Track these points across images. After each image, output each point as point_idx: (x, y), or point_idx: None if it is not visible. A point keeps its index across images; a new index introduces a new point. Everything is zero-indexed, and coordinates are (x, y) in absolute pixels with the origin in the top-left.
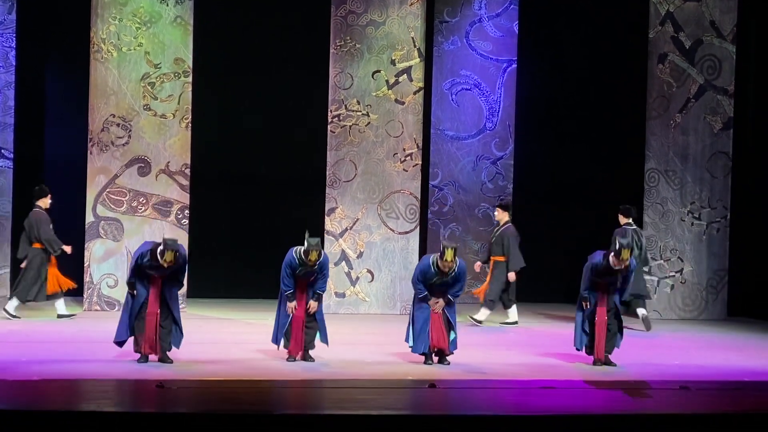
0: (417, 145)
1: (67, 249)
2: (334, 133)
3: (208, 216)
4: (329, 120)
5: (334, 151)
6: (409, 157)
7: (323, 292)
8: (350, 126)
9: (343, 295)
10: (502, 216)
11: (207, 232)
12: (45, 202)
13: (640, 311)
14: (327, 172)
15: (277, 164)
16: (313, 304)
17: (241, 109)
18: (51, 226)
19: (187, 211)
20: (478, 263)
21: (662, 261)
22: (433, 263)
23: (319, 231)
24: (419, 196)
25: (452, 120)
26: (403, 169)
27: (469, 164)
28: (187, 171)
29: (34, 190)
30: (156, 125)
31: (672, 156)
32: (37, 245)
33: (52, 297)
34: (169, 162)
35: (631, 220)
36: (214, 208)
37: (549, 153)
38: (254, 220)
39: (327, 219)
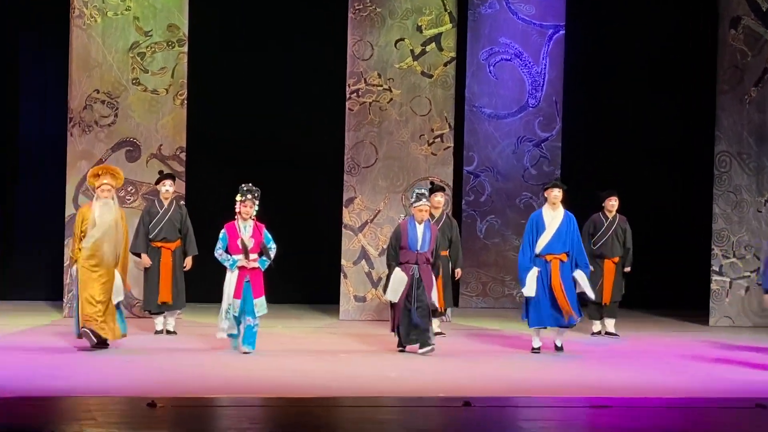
0: (448, 124)
1: None
2: (352, 111)
3: (207, 208)
4: (347, 96)
5: (352, 132)
6: (438, 139)
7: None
8: (370, 103)
9: (363, 299)
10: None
11: (206, 226)
12: None
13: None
14: (344, 157)
15: (286, 148)
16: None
17: (245, 84)
18: None
19: (182, 203)
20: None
21: (735, 259)
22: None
23: (334, 225)
24: (451, 184)
25: (490, 95)
26: (432, 153)
27: (510, 147)
28: (183, 156)
29: None
30: (146, 102)
31: (746, 136)
32: None
33: None
34: (161, 145)
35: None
36: (214, 198)
37: (602, 133)
38: (260, 213)
39: (344, 211)
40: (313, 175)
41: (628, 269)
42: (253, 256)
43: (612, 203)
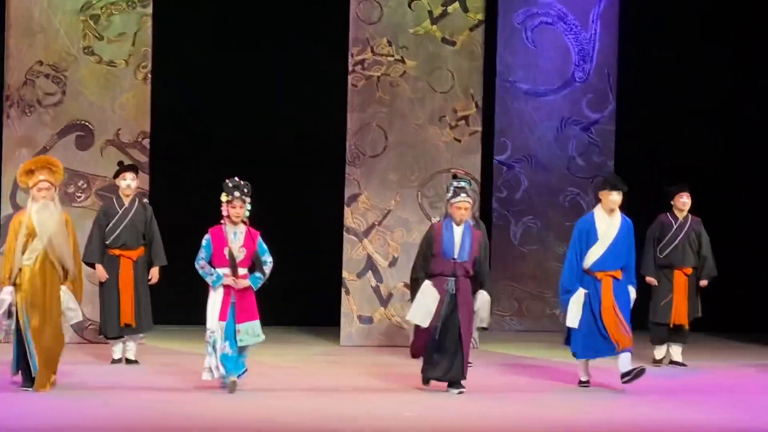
0: (475, 104)
1: None
2: (356, 87)
3: (177, 207)
4: (349, 69)
5: (355, 113)
6: (463, 122)
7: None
8: (378, 77)
9: (369, 320)
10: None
11: (175, 230)
12: None
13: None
14: (346, 144)
15: (275, 134)
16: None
17: (223, 54)
18: None
19: (146, 201)
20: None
21: None
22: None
23: (333, 228)
24: (479, 178)
25: (527, 68)
26: (455, 139)
27: (551, 131)
28: (147, 143)
29: None
30: (101, 77)
31: None
32: None
33: None
34: (120, 130)
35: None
36: (185, 196)
37: (667, 114)
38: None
39: (346, 210)
40: (308, 167)
41: (704, 283)
42: (243, 271)
43: (683, 200)
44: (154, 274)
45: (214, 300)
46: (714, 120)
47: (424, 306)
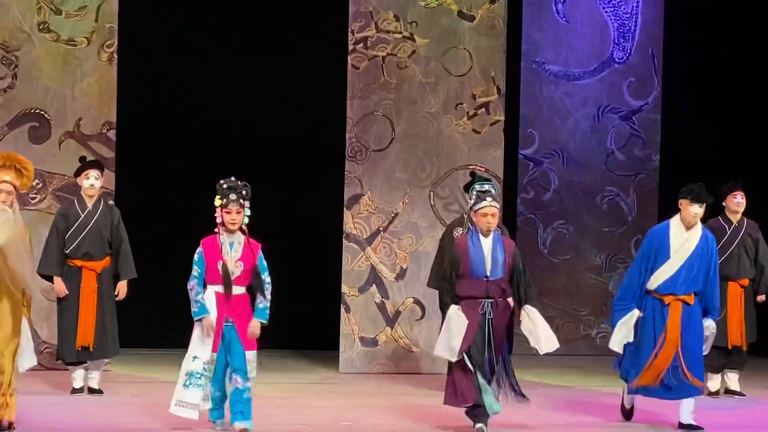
0: (497, 88)
1: None
2: (358, 69)
3: (148, 211)
4: (349, 48)
5: (357, 100)
6: (483, 110)
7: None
8: (384, 58)
9: (374, 343)
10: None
11: (145, 239)
12: None
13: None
14: (346, 137)
15: (262, 125)
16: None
17: (201, 31)
18: None
19: (111, 202)
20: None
21: None
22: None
23: (331, 235)
24: (501, 175)
25: (557, 47)
26: (474, 131)
27: (587, 121)
28: (112, 135)
29: None
30: (59, 58)
31: None
32: None
33: None
34: (81, 120)
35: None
36: (158, 197)
37: (720, 102)
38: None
39: (346, 214)
40: (300, 163)
41: (762, 298)
42: (240, 290)
43: (737, 201)
44: (122, 289)
45: (203, 323)
46: None
47: (452, 337)
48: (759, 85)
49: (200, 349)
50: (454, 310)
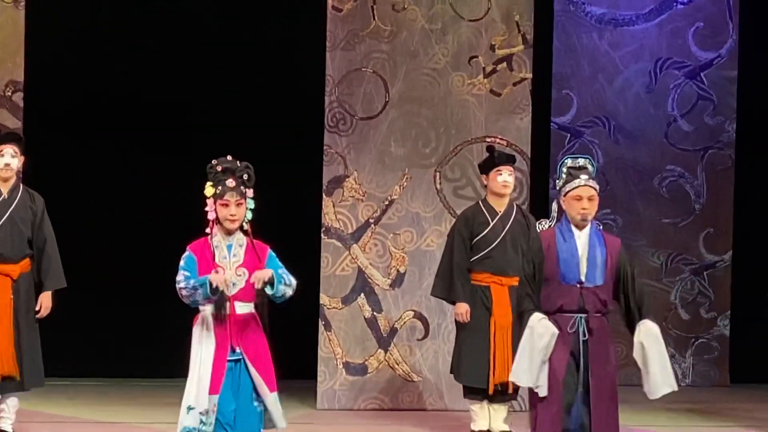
0: (523, 37)
1: None
2: (340, 12)
3: (69, 199)
4: None
5: (339, 52)
6: (504, 65)
7: None
8: None
9: (362, 370)
10: None
11: (69, 236)
12: None
13: None
14: (325, 100)
15: (216, 86)
16: None
17: None
18: None
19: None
20: None
21: None
22: None
23: (307, 229)
24: (528, 151)
25: None
26: (492, 92)
27: (641, 79)
28: (19, 99)
29: None
30: None
31: None
32: None
33: None
34: None
35: None
36: (82, 180)
37: None
38: (165, 215)
39: (325, 201)
40: (266, 136)
41: None
42: (243, 307)
43: None
44: (45, 301)
45: (201, 346)
46: None
47: (536, 355)
48: None
49: (196, 391)
50: (537, 317)
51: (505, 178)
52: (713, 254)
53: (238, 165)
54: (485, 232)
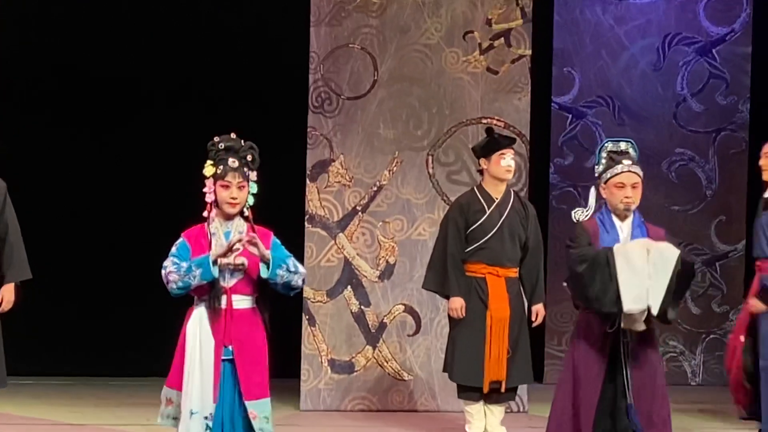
0: (521, 10)
1: None
2: None
3: (35, 185)
4: None
5: (324, 26)
6: (501, 41)
7: None
8: None
9: (349, 368)
10: None
11: (36, 225)
12: None
13: None
14: (309, 79)
15: (192, 64)
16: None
17: None
18: None
19: None
20: None
21: None
22: None
23: (289, 217)
24: (528, 132)
25: None
26: (489, 70)
27: (647, 56)
28: None
29: None
30: None
31: None
32: None
33: None
34: None
35: None
36: (49, 167)
37: None
38: (130, 205)
39: (309, 187)
40: (245, 118)
41: None
42: (242, 301)
43: None
44: (7, 293)
45: (201, 356)
46: None
47: (633, 277)
48: None
49: (199, 394)
50: (617, 247)
51: (508, 161)
52: (725, 244)
53: (242, 144)
54: (481, 220)
